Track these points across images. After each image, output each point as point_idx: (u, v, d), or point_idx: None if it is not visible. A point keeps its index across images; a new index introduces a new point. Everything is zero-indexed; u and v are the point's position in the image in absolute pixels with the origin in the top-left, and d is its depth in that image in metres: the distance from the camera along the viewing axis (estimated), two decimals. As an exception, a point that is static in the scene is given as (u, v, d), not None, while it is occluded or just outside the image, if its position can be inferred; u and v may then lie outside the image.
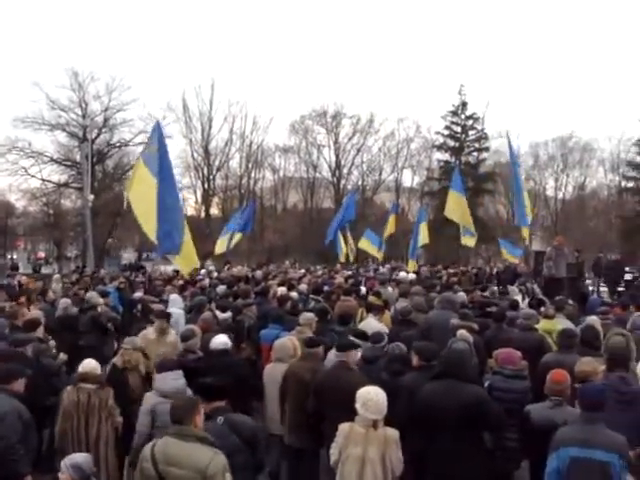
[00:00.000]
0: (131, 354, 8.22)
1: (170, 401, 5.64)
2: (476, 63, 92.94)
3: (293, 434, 7.67)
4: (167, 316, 10.21)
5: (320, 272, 24.16)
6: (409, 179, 62.03)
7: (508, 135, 15.32)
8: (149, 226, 13.49)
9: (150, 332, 9.89)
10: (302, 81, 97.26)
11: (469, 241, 22.17)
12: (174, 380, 6.81)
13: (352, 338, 8.14)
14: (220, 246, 26.32)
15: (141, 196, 13.66)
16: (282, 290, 14.25)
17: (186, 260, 14.43)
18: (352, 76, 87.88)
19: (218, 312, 11.40)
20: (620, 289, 23.56)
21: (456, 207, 20.87)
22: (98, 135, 49.07)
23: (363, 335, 8.47)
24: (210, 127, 57.38)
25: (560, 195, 61.91)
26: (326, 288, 15.59)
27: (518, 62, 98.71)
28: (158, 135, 13.95)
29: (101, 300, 12.63)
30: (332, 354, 8.21)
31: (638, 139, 52.02)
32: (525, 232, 16.05)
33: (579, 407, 5.58)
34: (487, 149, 56.76)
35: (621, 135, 58.58)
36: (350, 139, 60.11)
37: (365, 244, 26.96)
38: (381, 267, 27.46)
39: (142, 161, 14.03)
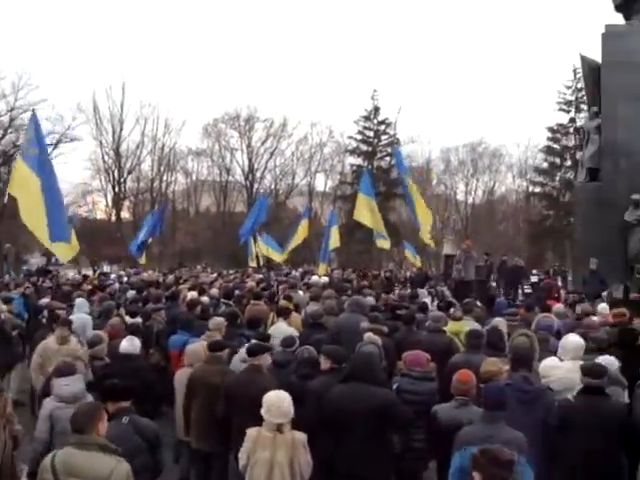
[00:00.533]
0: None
1: (69, 406, 5.61)
2: (389, 68, 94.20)
3: (202, 439, 7.58)
4: (68, 324, 9.88)
5: (232, 276, 23.98)
6: (322, 183, 62.25)
7: (396, 148, 15.32)
8: (36, 224, 13.29)
9: (51, 341, 9.60)
10: (215, 84, 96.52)
11: (384, 244, 22.29)
12: (69, 385, 6.60)
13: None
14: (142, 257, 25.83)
15: (26, 195, 13.37)
16: (193, 294, 14.05)
17: (68, 250, 14.44)
18: (265, 80, 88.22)
19: (127, 317, 11.20)
20: (527, 291, 24.22)
21: (365, 210, 20.91)
22: (3, 136, 47.44)
23: (266, 339, 8.42)
24: (121, 129, 56.31)
25: (470, 199, 63.18)
26: (237, 292, 15.45)
27: (430, 68, 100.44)
28: (35, 129, 13.78)
29: (4, 307, 12.25)
30: (237, 358, 8.14)
31: (545, 146, 53.50)
32: (425, 237, 16.10)
33: (482, 406, 5.69)
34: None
35: (528, 142, 60.41)
36: (263, 143, 59.99)
37: (265, 249, 26.62)
38: (293, 271, 27.43)
39: (22, 159, 13.75)
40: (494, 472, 4.25)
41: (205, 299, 13.75)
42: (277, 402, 5.89)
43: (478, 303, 13.85)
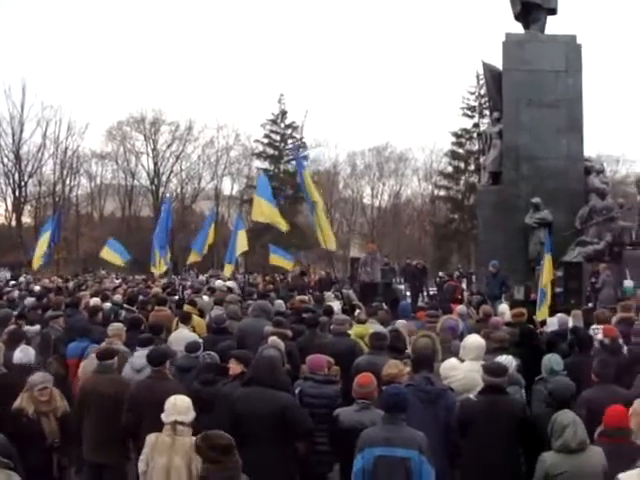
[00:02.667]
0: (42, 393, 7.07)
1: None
2: (296, 72, 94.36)
3: (97, 451, 7.32)
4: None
5: (136, 282, 23.45)
6: (229, 187, 62.01)
7: (298, 155, 15.19)
8: None
9: None
10: (119, 86, 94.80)
11: (277, 260, 21.78)
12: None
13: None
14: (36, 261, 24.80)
15: None
16: (95, 301, 13.63)
17: None
18: (171, 82, 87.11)
19: (26, 325, 10.83)
20: (432, 293, 24.61)
21: (264, 210, 20.49)
22: None
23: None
24: (21, 131, 54.84)
25: (376, 203, 63.92)
26: (141, 298, 15.09)
27: (337, 73, 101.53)
28: None
29: None
30: (128, 367, 7.94)
31: (449, 150, 54.65)
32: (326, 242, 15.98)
33: (383, 408, 5.70)
34: (306, 157, 57.55)
35: (433, 146, 61.34)
36: (169, 146, 59.45)
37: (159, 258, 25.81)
38: (200, 275, 27.05)
39: None
40: (212, 456, 4.79)
41: (107, 305, 13.38)
42: (174, 401, 5.78)
43: (384, 306, 13.92)
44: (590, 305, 15.95)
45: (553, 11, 21.76)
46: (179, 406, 5.74)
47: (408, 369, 6.90)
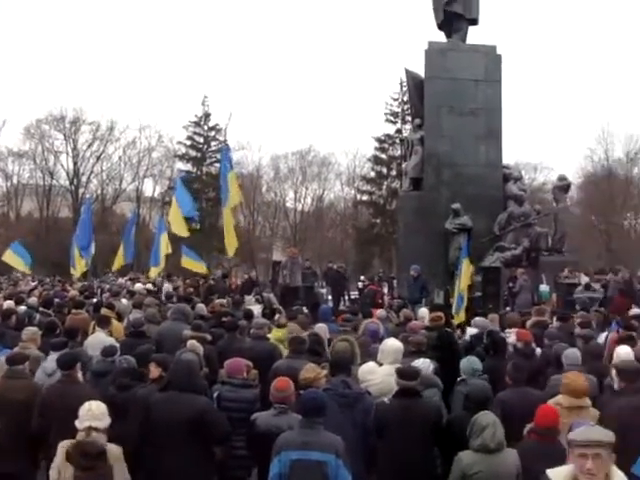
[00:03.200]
0: None
1: None
2: (220, 74, 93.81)
3: (6, 460, 6.95)
4: None
5: (53, 284, 22.84)
6: (150, 188, 60.96)
7: (226, 155, 14.94)
8: None
9: None
10: (38, 82, 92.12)
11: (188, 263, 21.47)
12: None
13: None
14: None
15: None
16: (8, 304, 13.20)
17: None
18: (93, 81, 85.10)
19: None
20: (353, 297, 24.72)
21: (172, 216, 20.14)
22: None
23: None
24: None
25: (299, 207, 63.88)
26: (58, 301, 14.69)
27: (261, 76, 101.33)
28: None
29: None
30: (40, 371, 7.72)
31: (372, 155, 55.09)
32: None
33: (300, 413, 5.68)
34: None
35: (357, 151, 61.60)
36: (89, 146, 57.92)
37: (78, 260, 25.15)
38: (120, 279, 26.48)
39: None
40: (83, 463, 4.87)
41: (22, 308, 13.00)
42: (89, 406, 5.62)
43: (304, 309, 13.92)
44: (508, 309, 16.26)
45: (474, 21, 22.21)
46: (94, 412, 5.59)
47: (326, 372, 6.88)
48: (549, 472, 3.94)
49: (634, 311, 13.36)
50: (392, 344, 8.06)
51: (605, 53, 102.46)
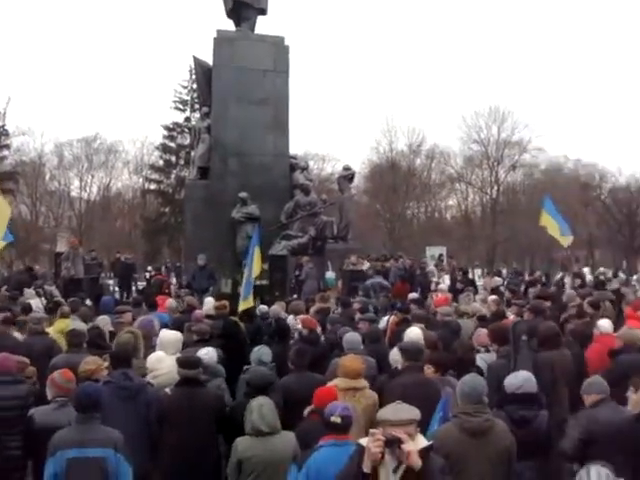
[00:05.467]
0: None
1: None
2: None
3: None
4: None
5: None
6: None
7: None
8: None
9: None
10: None
11: None
12: None
13: None
14: None
15: None
16: None
17: None
18: None
19: None
20: (141, 287, 24.18)
21: None
22: None
23: None
24: None
25: (85, 196, 61.55)
26: None
27: (43, 56, 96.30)
28: None
29: None
30: None
31: (161, 143, 54.05)
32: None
33: (75, 408, 5.46)
34: (8, 147, 53.83)
35: (145, 139, 60.40)
36: None
37: None
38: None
39: None
40: None
41: None
42: None
43: (88, 302, 13.48)
44: (295, 296, 16.57)
45: (263, 11, 22.35)
46: None
47: (107, 364, 6.68)
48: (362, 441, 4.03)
49: (412, 295, 14.07)
50: (169, 334, 8.08)
51: (388, 46, 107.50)
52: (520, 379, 5.97)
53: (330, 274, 19.68)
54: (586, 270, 32.59)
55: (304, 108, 52.70)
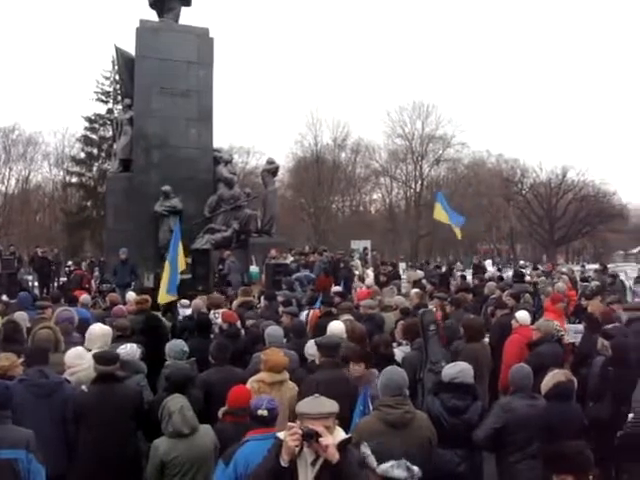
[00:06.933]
0: None
1: None
2: None
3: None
4: None
5: None
6: None
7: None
8: None
9: None
10: None
11: None
12: None
13: None
14: None
15: None
16: None
17: None
18: None
19: None
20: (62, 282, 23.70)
21: None
22: None
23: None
24: None
25: (3, 189, 59.92)
26: None
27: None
28: None
29: None
30: None
31: (82, 135, 52.89)
32: None
33: None
34: None
35: (66, 130, 59.15)
36: None
37: None
38: None
39: None
40: None
41: None
42: None
43: (4, 297, 13.16)
44: (227, 288, 16.42)
45: (187, 2, 22.12)
46: None
47: (22, 360, 6.51)
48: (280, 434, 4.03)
49: (335, 288, 14.17)
50: (98, 329, 7.90)
51: (313, 40, 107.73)
52: (457, 369, 6.14)
53: (254, 268, 19.66)
54: (488, 262, 33.62)
55: (229, 101, 52.44)
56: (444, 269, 27.18)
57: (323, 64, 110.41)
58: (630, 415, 6.05)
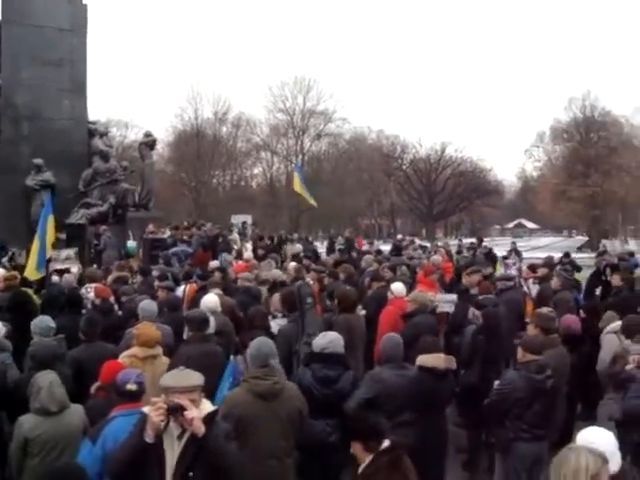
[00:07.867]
0: None
1: None
2: None
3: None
4: None
5: None
6: None
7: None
8: None
9: None
10: None
11: None
12: None
13: None
14: None
15: None
16: None
17: None
18: None
19: None
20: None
21: None
22: None
23: None
24: None
25: None
26: None
27: None
28: None
29: None
30: None
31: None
32: None
33: None
34: None
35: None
36: None
37: None
38: None
39: None
40: None
41: None
42: None
43: None
44: (94, 266, 16.03)
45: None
46: None
47: None
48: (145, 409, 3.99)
49: (214, 263, 14.10)
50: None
51: (193, 12, 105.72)
52: (327, 339, 6.17)
53: (131, 243, 19.28)
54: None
55: (106, 71, 50.98)
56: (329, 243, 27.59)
57: (204, 37, 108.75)
58: (496, 382, 6.28)
